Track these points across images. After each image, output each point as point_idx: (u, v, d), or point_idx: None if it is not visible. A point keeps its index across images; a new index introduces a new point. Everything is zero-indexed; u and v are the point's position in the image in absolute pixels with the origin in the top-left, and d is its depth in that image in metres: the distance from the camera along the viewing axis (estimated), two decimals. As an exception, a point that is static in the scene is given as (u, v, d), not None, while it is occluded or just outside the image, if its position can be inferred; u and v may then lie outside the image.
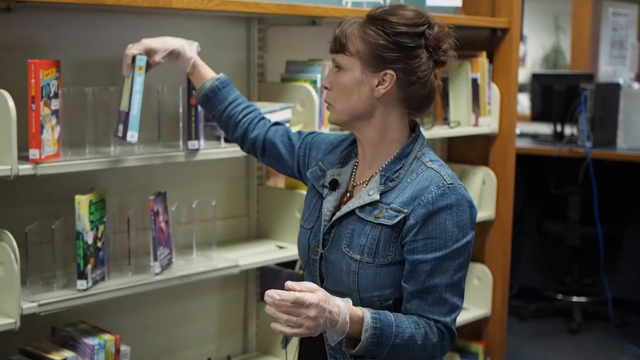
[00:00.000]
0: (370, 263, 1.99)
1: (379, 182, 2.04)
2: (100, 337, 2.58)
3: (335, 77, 2.05)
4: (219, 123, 2.54)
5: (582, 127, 5.49)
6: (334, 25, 3.38)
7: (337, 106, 2.06)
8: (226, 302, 3.32)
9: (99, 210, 2.57)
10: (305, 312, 1.81)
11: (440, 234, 1.95)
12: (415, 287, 1.97)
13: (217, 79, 2.51)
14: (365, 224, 2.02)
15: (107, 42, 2.79)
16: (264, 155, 2.43)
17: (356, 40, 2.01)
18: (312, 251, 2.12)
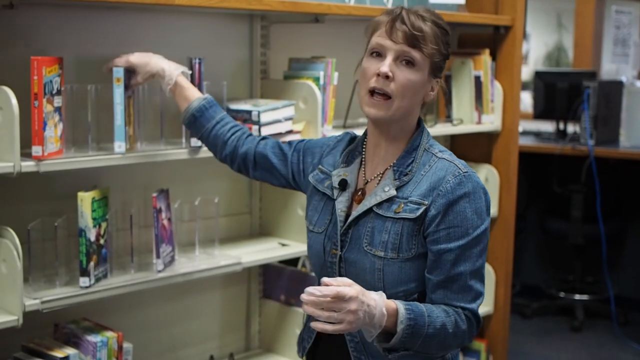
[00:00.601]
0: (395, 259, 1.99)
1: (393, 178, 2.03)
2: (102, 335, 2.58)
3: (405, 71, 1.99)
4: (206, 143, 2.50)
5: (584, 125, 5.48)
6: (336, 23, 3.42)
7: (397, 102, 2.00)
8: (229, 300, 3.32)
9: (102, 207, 2.56)
10: (347, 306, 1.80)
11: (461, 222, 1.97)
12: (441, 277, 1.98)
13: (204, 98, 2.49)
14: (385, 220, 2.01)
15: (110, 39, 2.78)
16: (256, 168, 2.40)
17: (431, 42, 2.00)
18: (328, 254, 2.10)
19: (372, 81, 2.00)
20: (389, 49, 1.99)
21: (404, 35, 1.97)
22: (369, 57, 2.04)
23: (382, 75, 1.97)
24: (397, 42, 1.98)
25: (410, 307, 1.92)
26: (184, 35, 2.99)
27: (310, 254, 2.19)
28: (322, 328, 1.83)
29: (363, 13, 3.21)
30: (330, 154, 2.23)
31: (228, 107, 2.88)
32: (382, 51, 2.00)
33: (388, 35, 1.99)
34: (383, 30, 2.01)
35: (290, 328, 3.23)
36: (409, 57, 1.98)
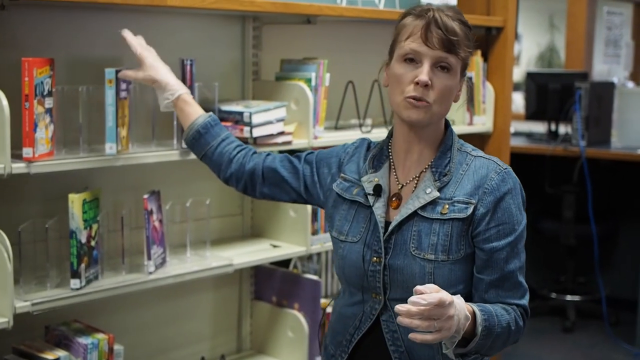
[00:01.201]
0: (445, 261, 1.96)
1: (432, 179, 2.01)
2: (93, 337, 2.57)
3: (442, 78, 1.96)
4: (209, 161, 2.41)
5: (576, 126, 5.49)
6: (328, 24, 3.42)
7: (435, 108, 1.96)
8: (220, 301, 3.31)
9: (93, 209, 2.56)
10: (446, 313, 1.76)
11: (508, 219, 1.98)
12: (494, 276, 1.98)
13: (209, 115, 2.42)
14: (431, 222, 1.98)
15: (101, 40, 2.78)
16: (264, 184, 2.32)
17: (464, 44, 1.98)
18: (369, 263, 2.03)
19: (410, 89, 1.95)
20: (425, 56, 1.95)
21: (440, 41, 1.94)
22: (401, 63, 1.98)
23: (422, 84, 1.93)
24: (434, 47, 1.94)
25: (481, 308, 1.91)
26: (176, 37, 2.98)
27: (343, 264, 2.09)
28: (423, 339, 1.77)
29: (355, 14, 3.21)
30: (351, 161, 2.18)
31: (220, 108, 2.88)
32: (418, 57, 1.95)
33: (423, 40, 1.94)
34: (417, 36, 1.95)
35: (282, 329, 3.23)
36: (446, 62, 1.96)
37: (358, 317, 2.08)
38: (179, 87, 2.45)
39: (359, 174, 2.13)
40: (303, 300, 3.20)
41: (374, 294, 2.04)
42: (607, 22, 7.39)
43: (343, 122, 3.43)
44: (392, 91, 2.01)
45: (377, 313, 2.04)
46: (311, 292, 3.18)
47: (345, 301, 2.13)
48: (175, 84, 2.46)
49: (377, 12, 3.37)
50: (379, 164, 2.11)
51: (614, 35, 7.44)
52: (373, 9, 3.36)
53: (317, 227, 3.16)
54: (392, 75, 2.01)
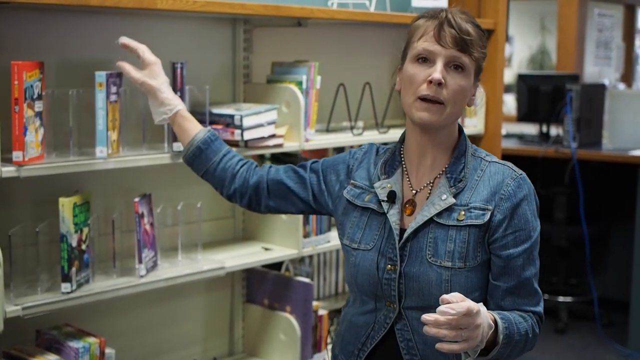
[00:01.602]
0: (462, 268, 1.95)
1: (448, 185, 1.99)
2: (85, 340, 2.56)
3: (456, 77, 1.95)
4: (211, 178, 2.38)
5: (567, 128, 5.50)
6: (319, 27, 3.42)
7: (449, 108, 1.95)
8: (212, 304, 3.31)
9: (83, 212, 2.55)
10: (474, 322, 1.75)
11: (524, 225, 1.97)
12: (511, 283, 1.97)
13: (208, 130, 2.39)
14: (447, 229, 1.96)
15: (91, 43, 2.77)
16: (270, 197, 2.29)
17: (477, 45, 1.97)
18: (383, 271, 2.00)
19: (423, 88, 1.94)
20: (438, 55, 1.93)
21: (454, 40, 1.93)
22: (414, 63, 1.97)
23: (435, 82, 1.91)
24: (447, 46, 1.93)
25: (502, 316, 1.90)
26: (166, 39, 2.98)
27: (355, 272, 2.06)
28: (450, 348, 1.76)
29: (346, 17, 3.22)
30: (361, 167, 2.15)
31: (211, 111, 2.87)
32: (431, 57, 1.94)
33: (436, 39, 1.93)
34: (430, 35, 1.94)
35: (274, 332, 3.22)
36: (459, 62, 1.94)
37: (370, 325, 2.05)
38: (177, 103, 2.42)
39: (370, 180, 2.10)
40: (295, 303, 3.20)
41: (387, 303, 2.01)
42: (598, 24, 7.42)
43: (334, 125, 3.43)
44: (405, 92, 1.99)
45: (392, 322, 2.01)
46: (303, 295, 3.18)
47: (357, 310, 2.10)
48: (173, 98, 2.43)
49: (368, 14, 3.36)
50: (392, 170, 2.08)
51: (604, 37, 7.46)
52: (364, 12, 3.36)
53: (309, 230, 3.16)
54: (405, 76, 1.99)
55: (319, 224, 3.19)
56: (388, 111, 3.56)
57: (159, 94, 2.41)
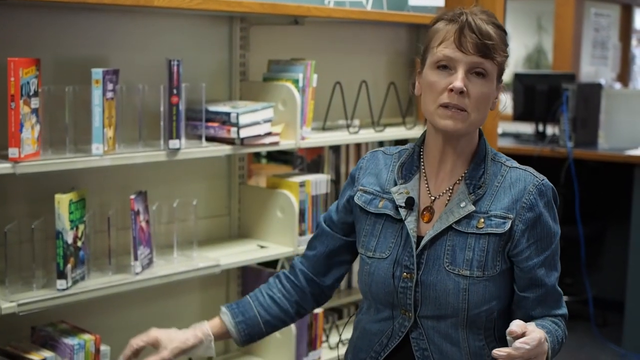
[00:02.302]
0: (480, 277, 1.90)
1: (467, 192, 1.94)
2: (80, 337, 2.56)
3: (478, 84, 1.88)
4: (271, 327, 2.20)
5: (563, 127, 5.51)
6: (316, 25, 3.42)
7: (473, 116, 1.88)
8: (207, 302, 3.30)
9: (79, 209, 2.55)
10: (543, 350, 1.75)
11: (546, 234, 1.93)
12: (539, 293, 1.94)
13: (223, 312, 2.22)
14: (466, 236, 1.92)
15: (88, 40, 2.77)
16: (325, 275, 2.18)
17: (499, 49, 1.89)
18: (399, 279, 1.95)
19: (445, 97, 1.87)
20: (459, 62, 1.87)
21: (475, 46, 1.86)
22: (434, 70, 1.90)
23: (457, 91, 1.85)
24: (468, 53, 1.86)
25: (541, 327, 1.86)
26: (163, 37, 2.98)
27: (370, 281, 2.00)
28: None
29: (342, 15, 3.22)
30: (367, 174, 2.09)
31: (207, 109, 2.87)
32: (451, 64, 1.88)
33: (457, 46, 1.86)
34: (450, 41, 1.87)
35: (269, 330, 3.22)
36: (481, 68, 1.87)
37: (385, 334, 2.01)
38: (198, 332, 2.19)
39: (381, 185, 2.04)
40: (290, 301, 3.19)
41: (403, 311, 1.97)
42: (594, 23, 7.41)
43: (330, 123, 3.43)
44: (426, 99, 1.93)
45: (407, 331, 1.97)
46: (298, 293, 3.17)
47: (371, 317, 2.05)
48: (201, 335, 2.19)
49: (365, 13, 3.37)
50: (409, 174, 2.02)
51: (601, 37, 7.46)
52: (361, 10, 3.36)
53: (305, 228, 3.16)
54: (425, 83, 1.93)
55: (314, 222, 3.19)
56: (384, 110, 3.56)
57: (187, 346, 2.16)
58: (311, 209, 3.17)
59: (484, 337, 1.95)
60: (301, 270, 2.21)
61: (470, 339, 1.94)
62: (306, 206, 3.15)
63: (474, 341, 1.95)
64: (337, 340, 3.41)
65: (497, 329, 1.96)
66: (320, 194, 3.20)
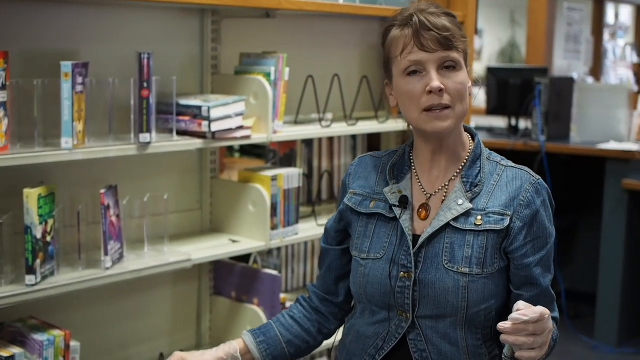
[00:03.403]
0: (480, 274, 1.89)
1: (464, 190, 1.94)
2: (49, 333, 2.54)
3: (452, 77, 1.88)
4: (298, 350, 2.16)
5: (536, 121, 5.53)
6: (288, 18, 3.41)
7: (457, 109, 1.89)
8: (179, 297, 3.29)
9: (49, 204, 2.53)
10: (547, 326, 1.73)
11: (542, 233, 1.93)
12: (534, 292, 1.94)
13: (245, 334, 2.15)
14: (465, 233, 1.91)
15: (57, 32, 2.74)
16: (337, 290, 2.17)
17: (459, 37, 1.90)
18: (396, 279, 1.93)
19: (425, 100, 1.88)
20: (427, 62, 1.87)
21: (437, 42, 1.86)
22: (406, 78, 1.90)
23: (436, 90, 1.86)
24: (432, 51, 1.87)
25: None
26: (133, 30, 2.96)
27: (365, 283, 1.99)
28: (530, 356, 1.72)
29: (315, 8, 3.21)
30: (357, 178, 2.09)
31: (178, 102, 2.85)
32: (421, 67, 1.88)
33: (420, 48, 1.87)
34: (411, 45, 1.88)
35: (241, 325, 3.21)
36: (450, 60, 1.88)
37: (381, 336, 1.98)
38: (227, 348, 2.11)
39: (372, 187, 2.04)
40: (262, 295, 3.19)
41: (400, 312, 1.95)
42: (567, 18, 7.45)
43: (303, 117, 3.42)
44: (406, 108, 1.93)
45: (404, 332, 1.94)
46: (270, 287, 3.17)
47: (365, 320, 2.03)
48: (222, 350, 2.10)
49: (337, 6, 3.36)
50: (401, 174, 2.02)
51: (574, 31, 7.50)
52: (333, 3, 3.35)
53: (277, 222, 3.15)
54: (401, 92, 1.93)
55: (287, 216, 3.18)
56: (357, 103, 3.55)
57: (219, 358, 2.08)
58: (283, 203, 3.16)
59: (482, 337, 1.95)
60: (314, 292, 2.21)
61: (468, 338, 1.93)
62: (278, 200, 3.13)
63: (473, 340, 1.94)
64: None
65: (495, 328, 1.93)
66: (293, 188, 3.19)
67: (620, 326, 5.24)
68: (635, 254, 5.29)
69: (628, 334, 5.32)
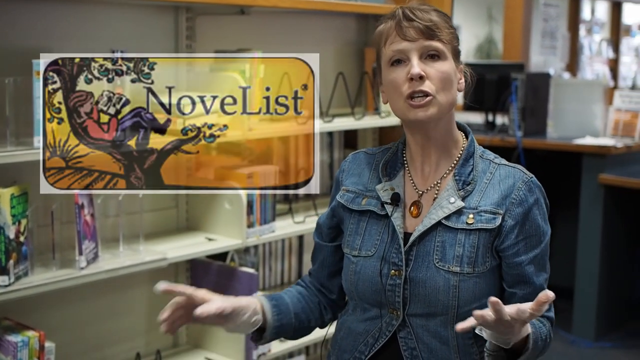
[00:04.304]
0: (471, 274, 1.87)
1: (456, 188, 1.92)
2: (23, 334, 2.52)
3: (434, 65, 1.87)
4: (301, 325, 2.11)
5: (513, 117, 5.54)
6: (262, 15, 3.40)
7: (440, 97, 1.87)
8: (155, 296, 3.22)
9: (22, 203, 2.50)
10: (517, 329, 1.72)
11: (535, 231, 1.92)
12: (527, 290, 1.92)
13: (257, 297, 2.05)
14: (456, 232, 1.89)
15: (29, 30, 2.72)
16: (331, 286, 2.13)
17: (444, 29, 1.89)
18: (386, 277, 1.92)
19: (406, 87, 1.86)
20: (409, 50, 1.87)
21: (418, 31, 1.86)
22: (390, 68, 1.90)
23: (416, 77, 1.85)
24: (414, 39, 1.86)
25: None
26: (108, 27, 2.94)
27: (356, 280, 1.96)
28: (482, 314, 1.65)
29: (289, 5, 3.20)
30: (350, 175, 2.06)
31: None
32: (403, 55, 1.88)
33: (402, 37, 1.87)
34: (394, 35, 1.88)
35: (218, 323, 3.20)
36: (432, 49, 1.87)
37: (371, 333, 1.97)
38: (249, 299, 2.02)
39: (364, 184, 2.02)
40: (239, 294, 3.14)
41: (391, 310, 1.93)
42: (543, 14, 7.48)
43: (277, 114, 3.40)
44: (392, 99, 1.92)
45: (394, 329, 1.93)
46: (247, 285, 3.16)
47: (357, 317, 2.01)
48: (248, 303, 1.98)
49: (312, 2, 3.35)
50: (394, 172, 2.00)
51: (550, 27, 7.53)
52: (308, 0, 3.34)
53: (253, 220, 3.13)
54: (386, 84, 1.92)
55: (263, 214, 3.17)
56: (333, 100, 3.54)
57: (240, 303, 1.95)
58: (259, 201, 3.14)
59: (472, 335, 1.92)
60: (310, 282, 2.17)
61: (459, 336, 1.91)
62: (254, 198, 3.12)
63: (463, 339, 1.92)
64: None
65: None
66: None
67: (597, 320, 5.26)
68: (611, 248, 5.32)
69: (606, 328, 5.35)
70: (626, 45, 11.39)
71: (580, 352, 5.12)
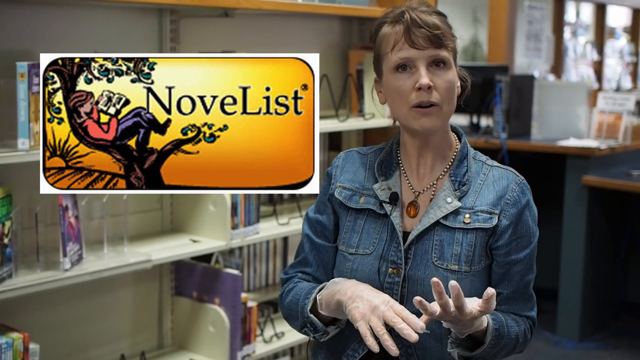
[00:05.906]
0: (467, 272, 1.90)
1: (452, 188, 1.94)
2: (7, 336, 2.52)
3: (441, 74, 1.88)
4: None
5: (497, 119, 5.56)
6: (246, 17, 3.40)
7: (445, 108, 1.88)
8: (140, 297, 3.28)
9: (5, 205, 2.51)
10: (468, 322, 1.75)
11: (526, 232, 1.95)
12: (511, 289, 1.95)
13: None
14: (454, 231, 1.92)
15: (13, 32, 2.72)
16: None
17: (449, 36, 1.90)
18: (385, 275, 1.92)
19: (414, 97, 1.87)
20: (417, 59, 1.87)
21: (427, 39, 1.86)
22: (395, 74, 1.89)
23: (425, 87, 1.85)
24: (422, 48, 1.86)
25: (494, 317, 1.87)
26: (91, 30, 2.94)
27: (351, 278, 1.94)
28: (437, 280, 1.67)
29: (273, 7, 3.20)
30: (345, 171, 2.05)
31: (136, 102, 2.84)
32: (410, 63, 1.88)
33: (410, 44, 1.86)
34: (402, 42, 1.87)
35: (203, 325, 3.21)
36: (439, 58, 1.88)
37: None
38: None
39: (361, 182, 2.02)
40: (223, 295, 3.19)
41: None
42: (528, 16, 7.50)
43: (263, 116, 3.42)
44: (395, 105, 1.92)
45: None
46: (232, 287, 3.17)
47: None
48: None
49: (296, 5, 3.36)
50: (390, 171, 2.01)
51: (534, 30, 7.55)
52: (291, 3, 3.35)
53: (237, 222, 3.14)
54: (390, 89, 1.92)
55: (247, 216, 3.18)
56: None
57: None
58: (243, 203, 3.15)
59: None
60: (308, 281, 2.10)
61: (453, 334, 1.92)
62: (238, 200, 3.13)
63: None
64: (271, 334, 3.41)
65: None
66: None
67: (582, 321, 5.29)
68: (595, 249, 5.35)
69: (590, 329, 5.37)
70: (610, 48, 11.43)
71: (565, 353, 5.14)
